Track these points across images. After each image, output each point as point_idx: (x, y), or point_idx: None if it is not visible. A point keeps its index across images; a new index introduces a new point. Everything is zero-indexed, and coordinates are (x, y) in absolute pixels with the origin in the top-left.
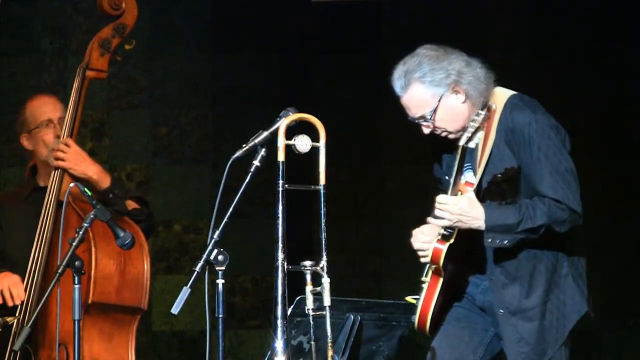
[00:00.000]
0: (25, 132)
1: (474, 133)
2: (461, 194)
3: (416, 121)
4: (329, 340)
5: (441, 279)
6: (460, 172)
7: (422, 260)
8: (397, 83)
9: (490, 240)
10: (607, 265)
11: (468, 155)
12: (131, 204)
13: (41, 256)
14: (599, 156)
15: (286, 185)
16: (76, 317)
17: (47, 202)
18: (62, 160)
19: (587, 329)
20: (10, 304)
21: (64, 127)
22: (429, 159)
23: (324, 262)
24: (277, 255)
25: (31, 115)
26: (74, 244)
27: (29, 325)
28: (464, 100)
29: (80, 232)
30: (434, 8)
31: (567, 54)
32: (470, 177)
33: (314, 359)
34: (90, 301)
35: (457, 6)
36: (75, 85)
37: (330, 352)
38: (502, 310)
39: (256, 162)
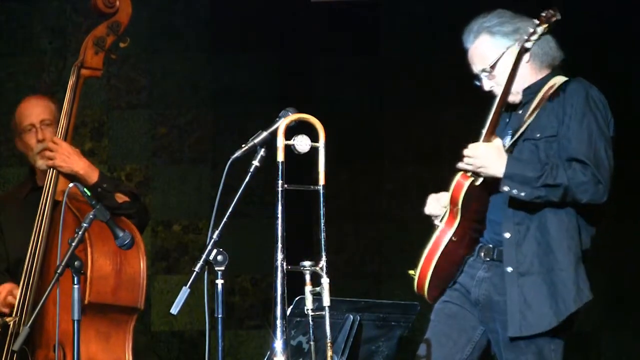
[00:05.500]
0: (17, 135)
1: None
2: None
3: (479, 78)
4: (329, 341)
5: (456, 222)
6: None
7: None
8: (469, 35)
9: (507, 188)
10: (607, 265)
11: (514, 118)
12: (121, 197)
13: (37, 256)
14: None
15: (286, 185)
16: (75, 318)
17: (43, 202)
18: (51, 158)
19: (587, 329)
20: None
21: (59, 126)
22: (429, 159)
23: (323, 263)
24: (276, 255)
25: (18, 119)
26: (73, 244)
27: (28, 325)
28: (527, 60)
29: (80, 233)
30: (433, 9)
31: (568, 54)
32: (506, 141)
33: (313, 359)
34: (86, 301)
35: (456, 6)
36: (70, 83)
37: (329, 353)
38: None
39: (256, 162)
